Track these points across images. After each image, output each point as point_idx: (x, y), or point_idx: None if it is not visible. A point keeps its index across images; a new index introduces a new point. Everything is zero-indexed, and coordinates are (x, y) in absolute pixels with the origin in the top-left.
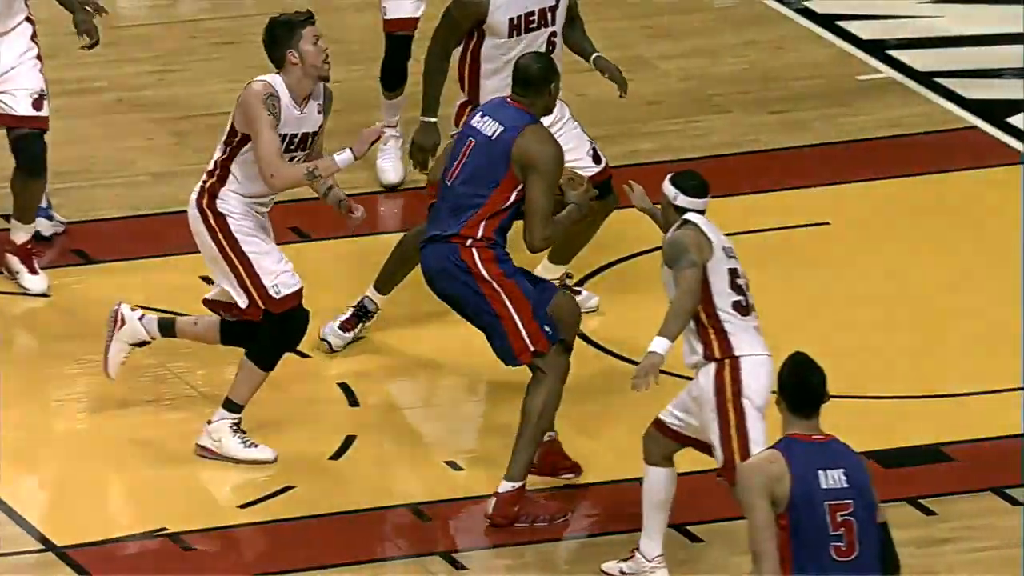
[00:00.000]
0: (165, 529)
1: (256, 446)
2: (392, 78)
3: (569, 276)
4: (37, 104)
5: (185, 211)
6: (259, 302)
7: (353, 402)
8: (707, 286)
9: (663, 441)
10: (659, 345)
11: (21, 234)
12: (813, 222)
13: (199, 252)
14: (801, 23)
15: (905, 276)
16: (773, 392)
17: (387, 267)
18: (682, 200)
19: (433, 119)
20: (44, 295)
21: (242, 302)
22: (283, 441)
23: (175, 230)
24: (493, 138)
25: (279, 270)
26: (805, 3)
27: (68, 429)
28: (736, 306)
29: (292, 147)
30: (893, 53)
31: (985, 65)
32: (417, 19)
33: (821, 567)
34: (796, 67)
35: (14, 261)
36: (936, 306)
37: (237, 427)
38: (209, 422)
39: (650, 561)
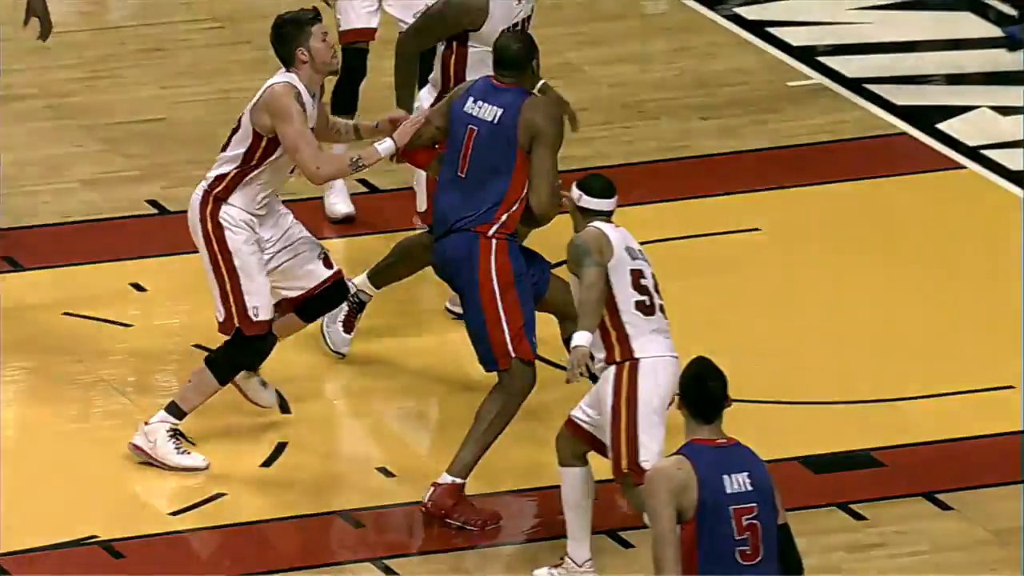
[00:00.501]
0: (95, 537)
1: (188, 454)
2: (343, 100)
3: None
4: None
5: (112, 218)
6: (235, 319)
7: (285, 409)
8: (608, 288)
9: (573, 441)
10: (581, 338)
11: None
12: (744, 228)
13: (129, 259)
14: (732, 30)
15: (837, 282)
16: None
17: (390, 265)
18: (585, 201)
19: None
20: None
21: (219, 315)
22: (214, 448)
23: (105, 236)
24: (496, 122)
25: (263, 293)
26: (736, 10)
27: None
28: (639, 306)
29: None
30: (823, 59)
31: (915, 71)
32: (374, 30)
33: (727, 571)
34: (726, 73)
35: None
36: (868, 311)
37: (175, 433)
38: (146, 423)
39: (580, 566)
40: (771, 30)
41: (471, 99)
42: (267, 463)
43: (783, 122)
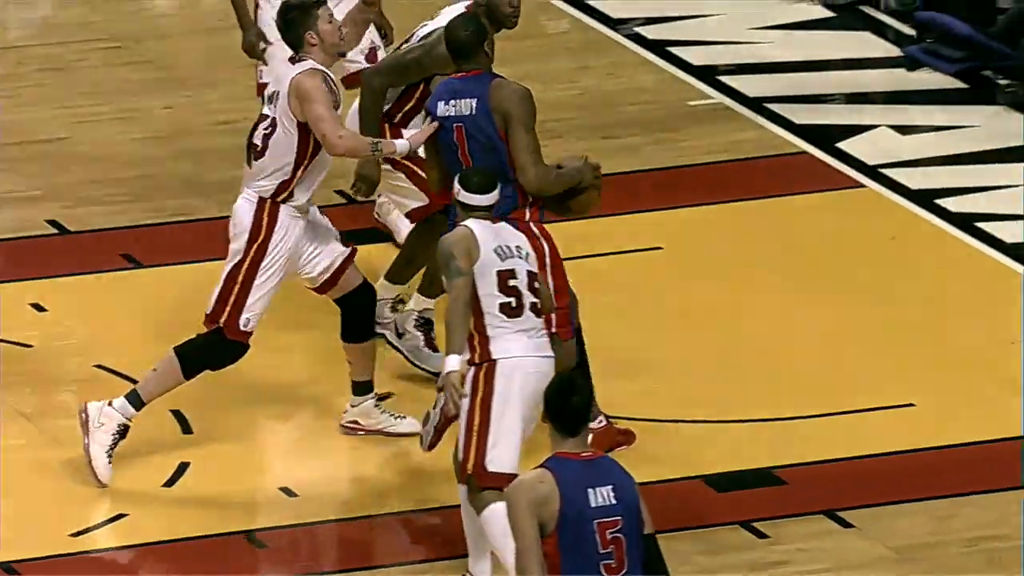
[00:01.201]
0: None
1: (110, 460)
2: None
3: (402, 301)
4: None
5: (12, 238)
6: (222, 318)
7: (186, 429)
8: (473, 289)
9: None
10: (451, 363)
11: None
12: (646, 247)
13: (30, 279)
14: (633, 49)
15: (738, 300)
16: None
17: (409, 262)
18: (463, 196)
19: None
20: None
21: (209, 308)
22: (116, 468)
23: (5, 257)
24: (474, 113)
25: (261, 306)
26: (637, 29)
27: None
28: (503, 308)
29: None
30: (724, 79)
31: (814, 91)
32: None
33: None
34: (628, 93)
35: None
36: (768, 329)
37: (123, 430)
38: (110, 403)
39: None
40: (672, 49)
41: (442, 103)
42: (169, 483)
43: (684, 141)
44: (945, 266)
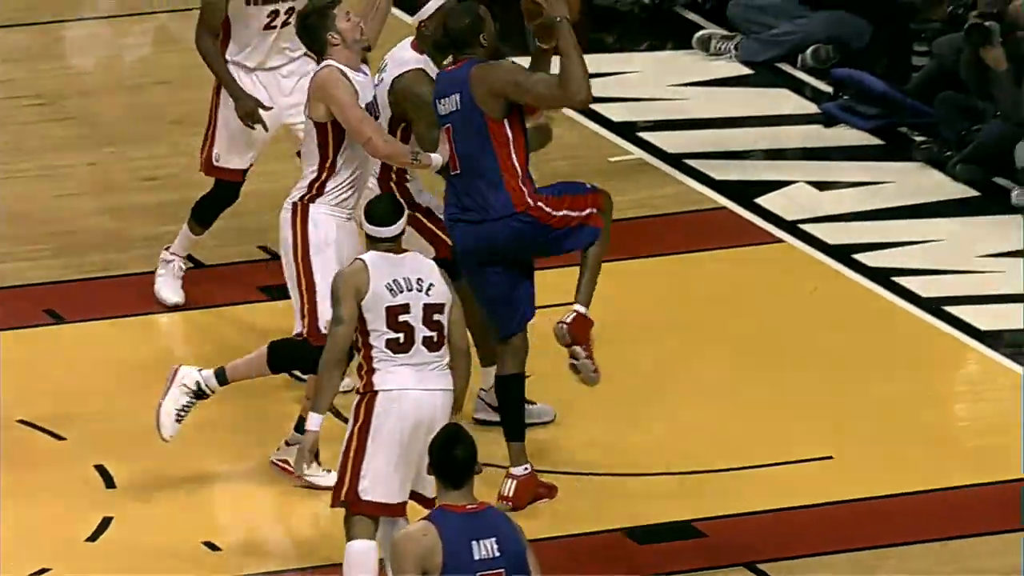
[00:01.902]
0: None
1: (179, 421)
2: (207, 213)
3: None
4: None
5: None
6: (304, 330)
7: (109, 483)
8: (363, 323)
9: None
10: (311, 423)
11: None
12: (564, 302)
13: None
14: None
15: (659, 354)
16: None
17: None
18: (366, 227)
19: None
20: None
21: (296, 327)
22: (39, 522)
23: None
24: (459, 109)
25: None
26: None
27: None
28: (390, 343)
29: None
30: (643, 135)
31: (733, 147)
32: (246, 170)
33: None
34: (548, 149)
35: None
36: (689, 382)
37: (198, 395)
38: (200, 370)
39: None
40: (593, 106)
41: (438, 102)
42: (92, 538)
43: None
44: (863, 320)
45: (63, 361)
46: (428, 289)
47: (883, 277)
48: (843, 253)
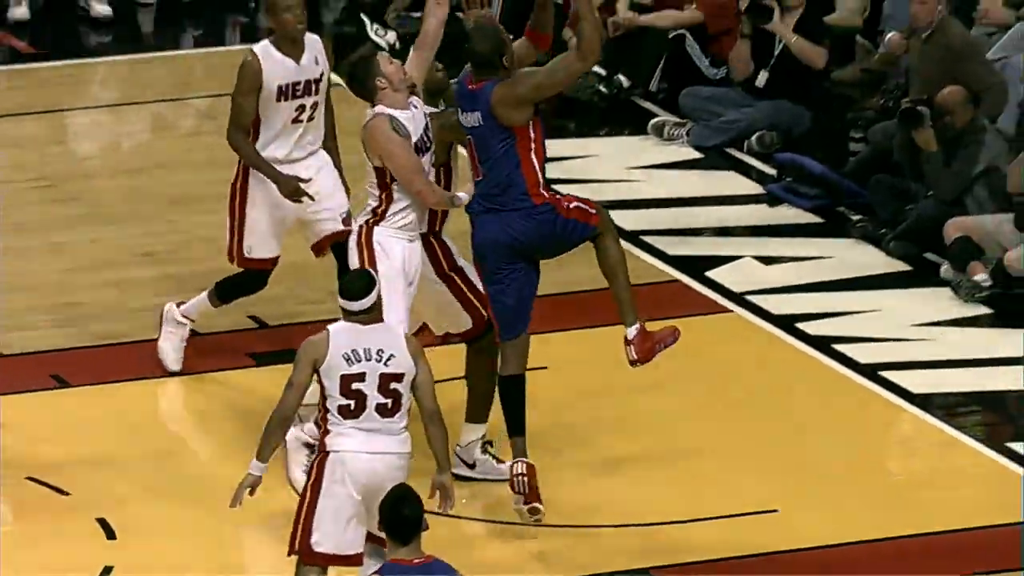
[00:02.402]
0: None
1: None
2: (231, 294)
3: (490, 443)
4: None
5: None
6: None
7: (111, 535)
8: (322, 387)
9: None
10: (251, 468)
11: None
12: (532, 366)
13: None
14: None
15: (618, 414)
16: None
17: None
18: (339, 301)
19: None
20: None
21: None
22: (41, 571)
23: None
24: (479, 125)
25: (409, 326)
26: None
27: None
28: (341, 409)
29: (425, 148)
30: None
31: (685, 224)
32: (277, 258)
33: None
34: None
35: None
36: (646, 440)
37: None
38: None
39: None
40: (555, 185)
41: (460, 111)
42: None
43: (568, 268)
44: (805, 383)
45: (68, 422)
46: (387, 360)
47: (824, 344)
48: (787, 322)
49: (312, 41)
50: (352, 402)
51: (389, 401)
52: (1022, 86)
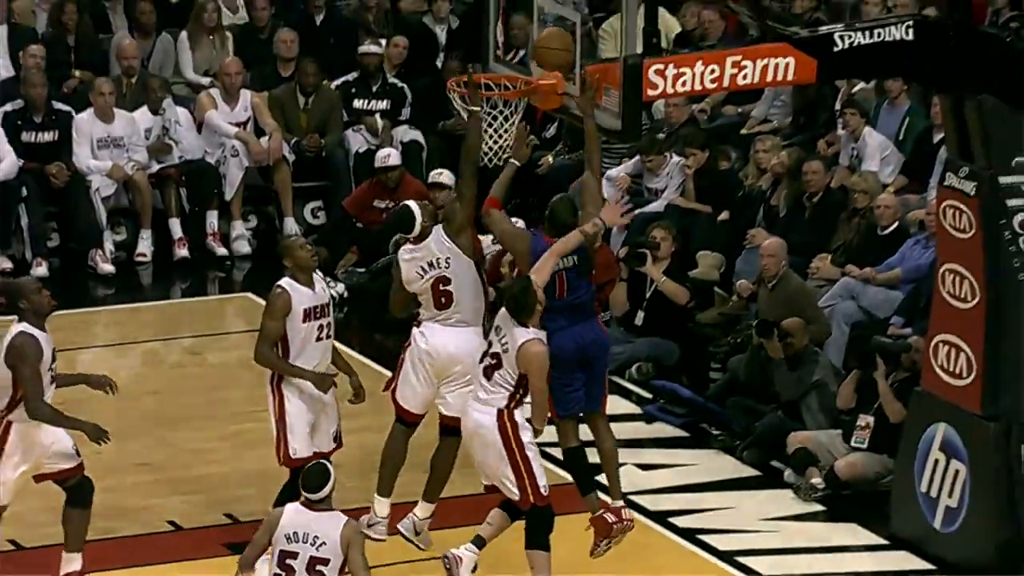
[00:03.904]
0: None
1: None
2: (288, 499)
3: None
4: None
5: None
6: (531, 496)
7: None
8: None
9: None
10: None
11: None
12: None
13: None
14: None
15: None
16: None
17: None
18: (301, 488)
19: None
20: None
21: (517, 495)
22: None
23: None
24: (576, 265)
25: (543, 473)
26: None
27: None
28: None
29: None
30: None
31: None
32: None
33: None
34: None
35: None
36: None
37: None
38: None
39: None
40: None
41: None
42: None
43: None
44: (676, 568)
45: None
46: (319, 546)
47: (691, 535)
48: (661, 517)
49: (318, 275)
50: (283, 573)
51: None
52: (846, 327)
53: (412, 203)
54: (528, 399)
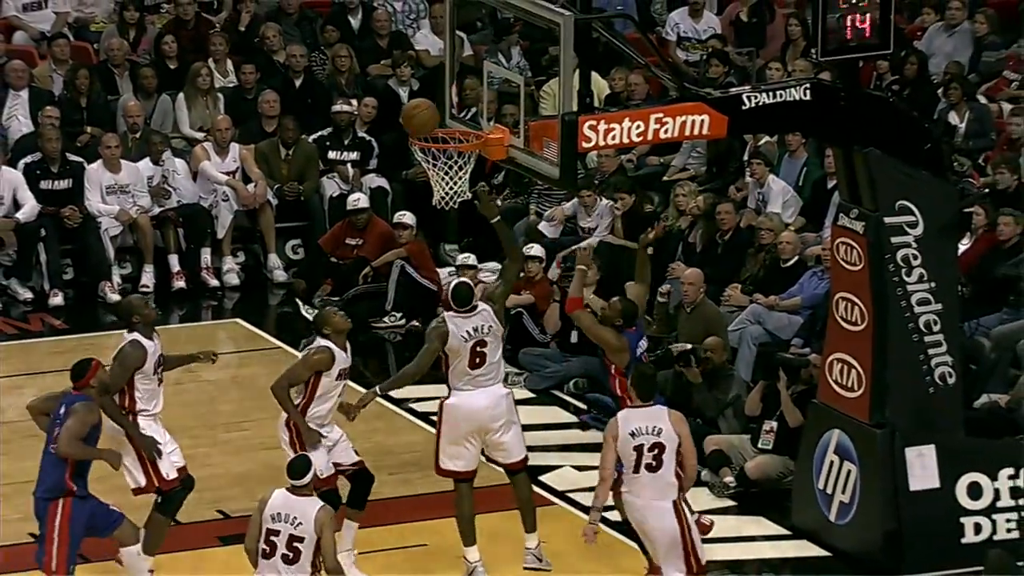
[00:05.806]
0: None
1: None
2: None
3: None
4: None
5: None
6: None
7: None
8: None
9: None
10: None
11: None
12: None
13: None
14: (406, 416)
15: None
16: None
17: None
18: (287, 475)
19: None
20: None
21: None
22: None
23: None
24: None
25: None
26: (412, 406)
27: None
28: (262, 551)
29: None
30: None
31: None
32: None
33: None
34: (403, 444)
35: None
36: None
37: None
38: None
39: None
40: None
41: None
42: None
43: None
44: (606, 554)
45: None
46: (297, 526)
47: (621, 527)
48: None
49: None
50: (267, 548)
51: (291, 554)
52: (754, 346)
53: (467, 280)
54: None
